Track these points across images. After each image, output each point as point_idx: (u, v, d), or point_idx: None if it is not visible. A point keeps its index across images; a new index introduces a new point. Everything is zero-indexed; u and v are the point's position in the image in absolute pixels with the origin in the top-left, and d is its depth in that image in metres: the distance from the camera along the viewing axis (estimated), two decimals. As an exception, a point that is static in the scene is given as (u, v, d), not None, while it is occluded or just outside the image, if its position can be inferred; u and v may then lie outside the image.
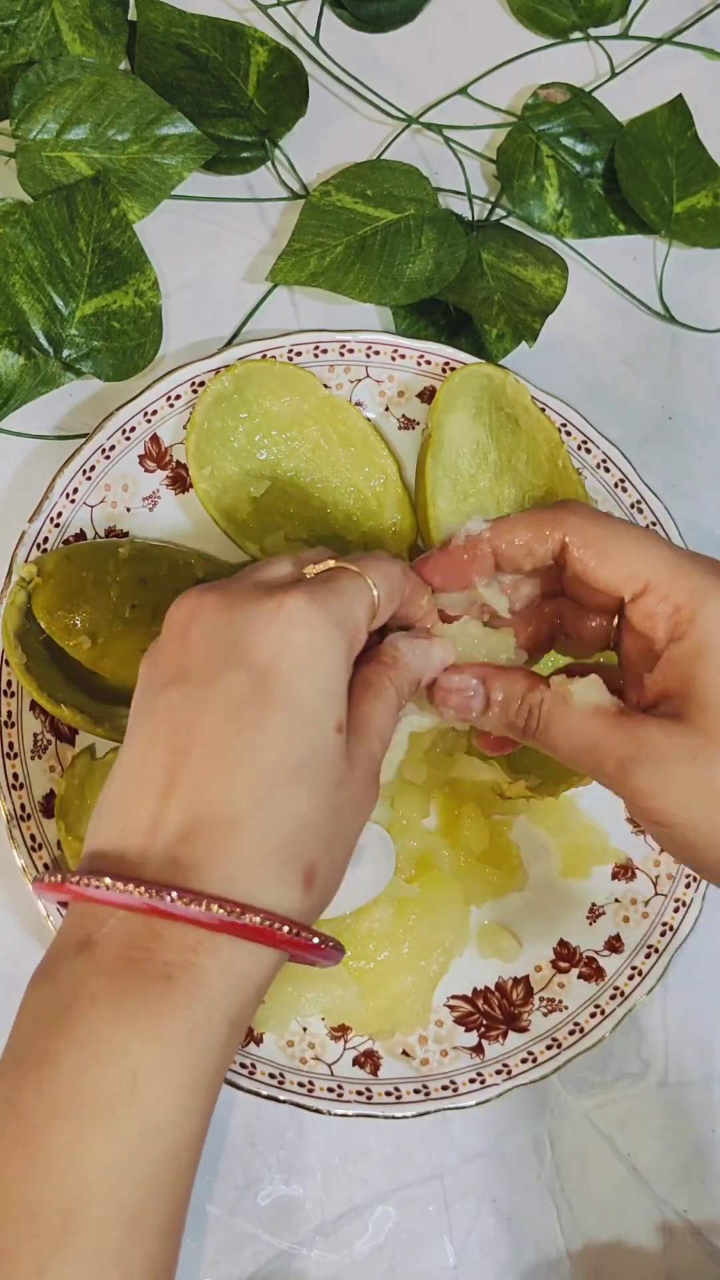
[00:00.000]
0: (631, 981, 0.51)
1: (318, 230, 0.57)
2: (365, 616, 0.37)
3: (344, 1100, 0.48)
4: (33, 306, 0.55)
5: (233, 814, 0.32)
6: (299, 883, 0.33)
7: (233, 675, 0.34)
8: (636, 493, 0.54)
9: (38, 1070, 0.30)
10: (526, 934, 0.52)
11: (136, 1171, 0.30)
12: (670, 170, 0.62)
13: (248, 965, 0.32)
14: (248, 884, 0.32)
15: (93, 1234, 0.29)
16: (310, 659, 0.34)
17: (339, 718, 0.34)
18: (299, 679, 0.34)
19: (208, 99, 0.60)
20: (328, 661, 0.34)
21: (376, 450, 0.54)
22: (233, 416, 0.53)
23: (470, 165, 0.63)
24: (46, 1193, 0.29)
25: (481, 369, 0.53)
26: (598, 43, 0.66)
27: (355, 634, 0.36)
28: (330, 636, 0.35)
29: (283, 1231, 0.50)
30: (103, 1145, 0.29)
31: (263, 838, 0.32)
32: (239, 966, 0.32)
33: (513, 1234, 0.51)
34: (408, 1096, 0.49)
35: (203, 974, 0.31)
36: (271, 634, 0.34)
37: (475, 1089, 0.49)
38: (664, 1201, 0.52)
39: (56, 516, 0.52)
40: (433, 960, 0.50)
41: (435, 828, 0.52)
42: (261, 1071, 0.48)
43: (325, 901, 0.35)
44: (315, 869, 0.33)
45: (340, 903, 0.48)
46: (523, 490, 0.55)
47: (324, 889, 0.34)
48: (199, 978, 0.31)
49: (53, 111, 0.57)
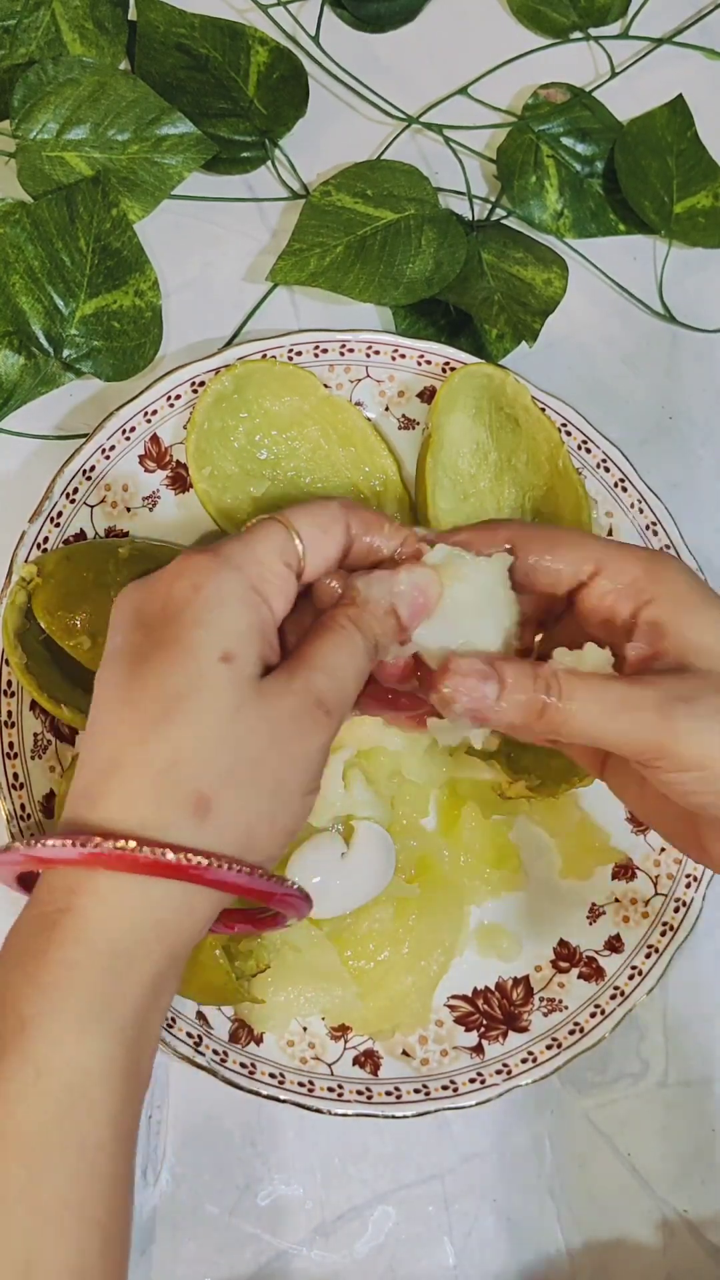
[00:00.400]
0: (631, 981, 0.51)
1: (318, 230, 0.57)
2: (273, 554, 0.36)
3: (344, 1100, 0.48)
4: (33, 306, 0.55)
5: (115, 756, 0.33)
6: (188, 812, 0.32)
7: (131, 636, 0.35)
8: (636, 493, 0.54)
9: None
10: (526, 934, 0.52)
11: (33, 1113, 0.30)
12: (670, 170, 0.62)
13: (136, 900, 0.32)
14: (124, 820, 0.32)
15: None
16: (191, 595, 0.34)
17: (225, 646, 0.34)
18: (179, 618, 0.34)
19: (208, 99, 0.60)
20: (208, 594, 0.34)
21: (376, 450, 0.54)
22: (233, 416, 0.53)
23: (470, 165, 0.63)
24: None
25: (481, 369, 0.53)
26: (598, 43, 0.66)
27: (255, 568, 0.35)
28: (211, 573, 0.35)
29: (283, 1231, 0.50)
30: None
31: (139, 773, 0.33)
32: (123, 903, 0.32)
33: (513, 1234, 0.51)
34: (408, 1096, 0.49)
35: (80, 914, 0.32)
36: (160, 589, 0.35)
37: (475, 1089, 0.49)
38: (664, 1201, 0.52)
39: (56, 516, 0.52)
40: (433, 960, 0.50)
41: (435, 828, 0.52)
42: (261, 1071, 0.48)
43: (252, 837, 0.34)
44: (211, 798, 0.33)
45: (340, 903, 0.48)
46: (523, 490, 0.55)
47: (237, 822, 0.33)
48: (77, 919, 0.32)
49: (53, 111, 0.57)
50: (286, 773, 0.35)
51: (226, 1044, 0.49)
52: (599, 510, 0.54)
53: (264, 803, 0.34)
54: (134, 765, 0.33)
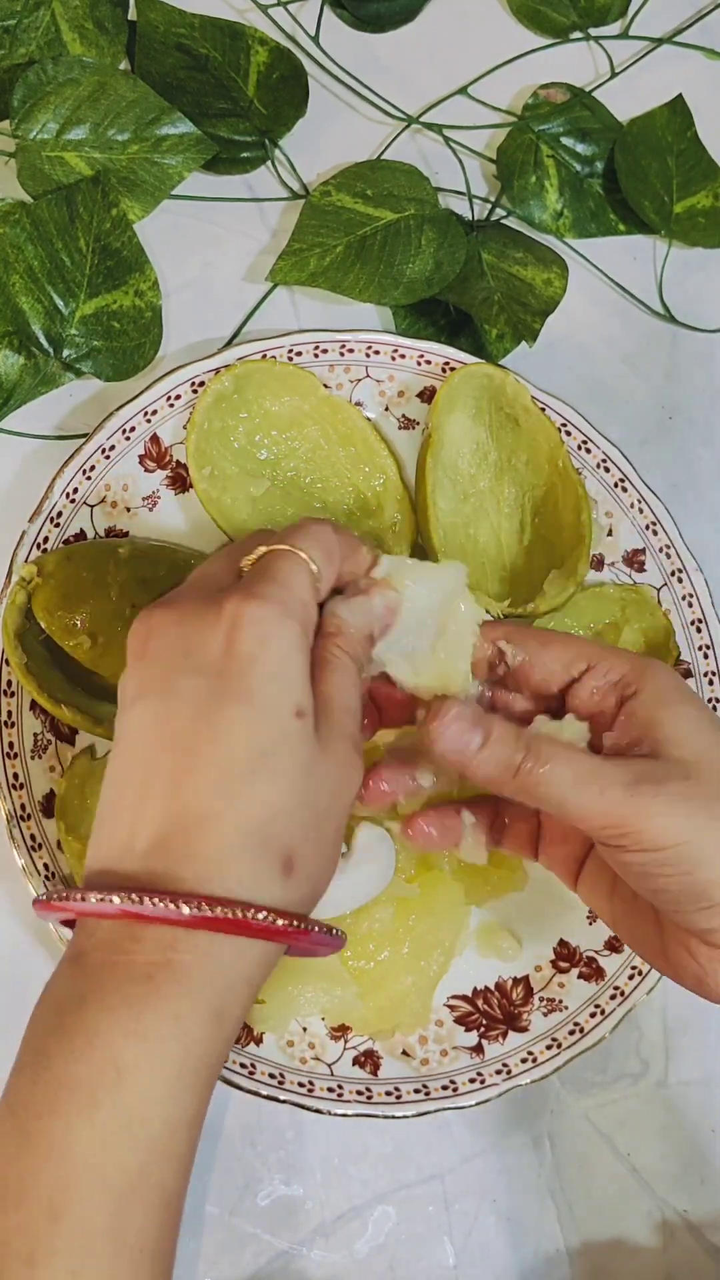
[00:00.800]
0: (631, 981, 0.51)
1: (318, 230, 0.57)
2: (308, 592, 0.37)
3: (344, 1100, 0.48)
4: (33, 306, 0.55)
5: (200, 811, 0.33)
6: (276, 871, 0.33)
7: (187, 680, 0.34)
8: (636, 493, 0.54)
9: (32, 1069, 0.32)
10: (526, 934, 0.52)
11: (122, 1157, 0.31)
12: (670, 170, 0.62)
13: (231, 957, 0.33)
14: (221, 878, 0.33)
15: (80, 1216, 0.30)
16: (258, 649, 0.35)
17: (297, 703, 0.35)
18: (251, 671, 0.34)
19: (208, 99, 0.60)
20: (278, 649, 0.35)
21: (376, 450, 0.54)
22: (233, 416, 0.53)
23: (470, 165, 0.63)
24: (37, 1181, 0.30)
25: (481, 369, 0.53)
26: (598, 43, 0.66)
27: (303, 612, 0.37)
28: (276, 624, 0.35)
29: (283, 1231, 0.50)
30: (88, 1134, 0.31)
31: (232, 830, 0.33)
32: (221, 959, 0.33)
33: (513, 1234, 0.51)
34: (408, 1096, 0.49)
35: (182, 970, 0.32)
36: (219, 635, 0.35)
37: (475, 1089, 0.49)
38: (664, 1201, 0.52)
39: (56, 516, 0.52)
40: (433, 960, 0.50)
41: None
42: (261, 1071, 0.48)
43: (316, 887, 0.35)
44: (294, 856, 0.34)
45: (340, 903, 0.48)
46: (523, 490, 0.55)
47: (311, 876, 0.35)
48: (179, 974, 0.32)
49: (53, 111, 0.57)
50: (340, 818, 0.37)
51: (226, 1044, 0.49)
52: (599, 510, 0.54)
53: (328, 851, 0.36)
54: (223, 822, 0.33)
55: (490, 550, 0.55)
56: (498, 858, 0.52)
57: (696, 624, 0.54)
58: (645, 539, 0.54)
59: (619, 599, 0.54)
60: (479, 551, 0.54)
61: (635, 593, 0.54)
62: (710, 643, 0.53)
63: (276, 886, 0.33)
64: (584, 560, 0.52)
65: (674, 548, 0.54)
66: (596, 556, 0.54)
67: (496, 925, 0.52)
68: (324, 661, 0.37)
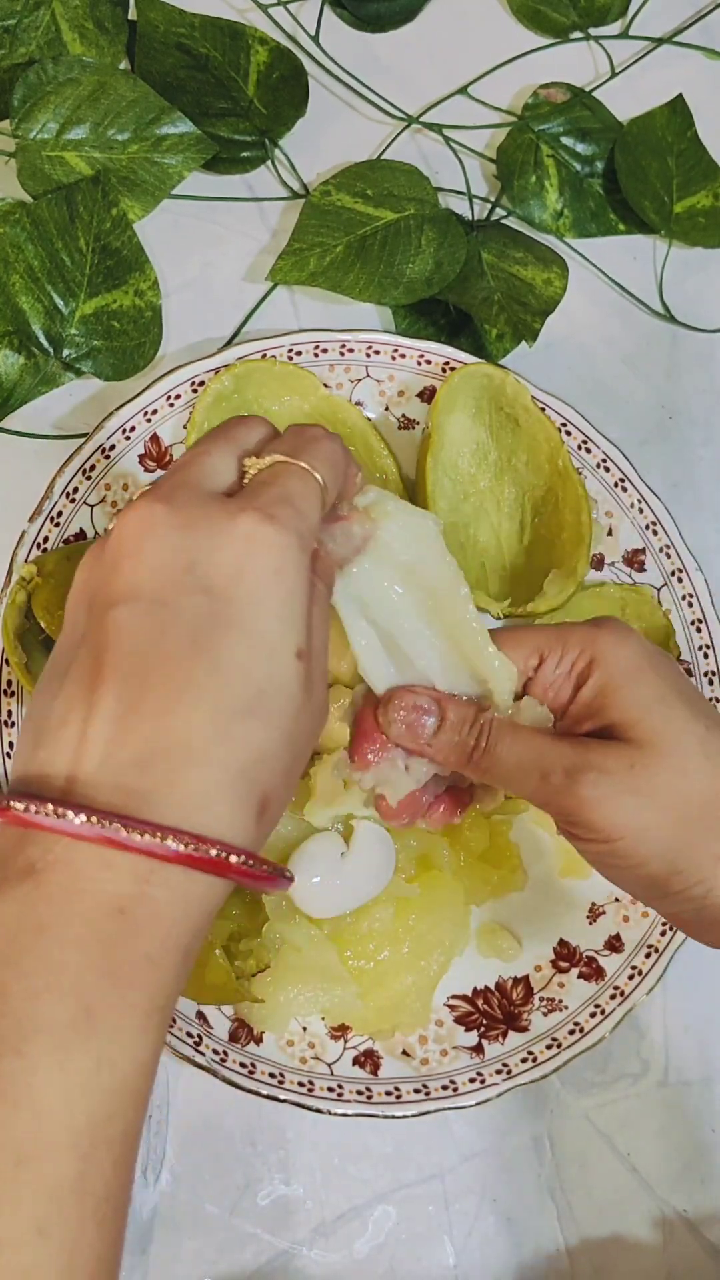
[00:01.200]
0: (631, 981, 0.51)
1: (318, 230, 0.57)
2: (318, 514, 0.35)
3: (344, 1100, 0.48)
4: (33, 306, 0.55)
5: (190, 742, 0.31)
6: (254, 813, 0.32)
7: (190, 599, 0.32)
8: (636, 493, 0.54)
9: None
10: (526, 934, 0.52)
11: (91, 1103, 0.29)
12: (670, 170, 0.62)
13: (201, 894, 0.31)
14: (203, 814, 0.31)
15: (48, 1167, 0.29)
16: (271, 583, 0.33)
17: (299, 643, 0.33)
18: (260, 605, 0.32)
19: (208, 99, 0.60)
20: (290, 583, 0.33)
21: (376, 450, 0.54)
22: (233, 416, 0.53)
23: (470, 165, 0.63)
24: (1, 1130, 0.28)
25: (481, 369, 0.53)
26: (598, 43, 0.66)
27: (312, 542, 0.35)
28: (291, 557, 0.33)
29: (283, 1231, 0.50)
30: (58, 1079, 0.29)
31: (221, 768, 0.31)
32: (192, 896, 0.31)
33: (513, 1234, 0.51)
34: (408, 1096, 0.49)
35: (156, 905, 0.30)
36: (230, 557, 0.32)
37: (475, 1089, 0.49)
38: (664, 1201, 0.52)
39: (56, 516, 0.52)
40: (433, 960, 0.50)
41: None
42: (261, 1071, 0.48)
43: (272, 827, 0.34)
44: (270, 799, 0.33)
45: (340, 902, 0.48)
46: (523, 490, 0.55)
47: (274, 817, 0.34)
48: (153, 909, 0.30)
49: (53, 111, 0.57)
50: (306, 761, 0.35)
51: (226, 1044, 0.49)
52: (599, 510, 0.54)
53: (292, 792, 0.35)
54: (213, 759, 0.31)
55: (490, 550, 0.55)
56: (498, 858, 0.52)
57: (696, 624, 0.54)
58: (645, 539, 0.54)
59: (619, 599, 0.54)
60: (479, 551, 0.54)
61: (635, 592, 0.54)
62: (710, 643, 0.53)
63: (251, 827, 0.32)
64: (584, 560, 0.52)
65: (674, 548, 0.54)
66: (596, 556, 0.54)
67: (496, 925, 0.52)
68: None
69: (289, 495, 0.34)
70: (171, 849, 0.30)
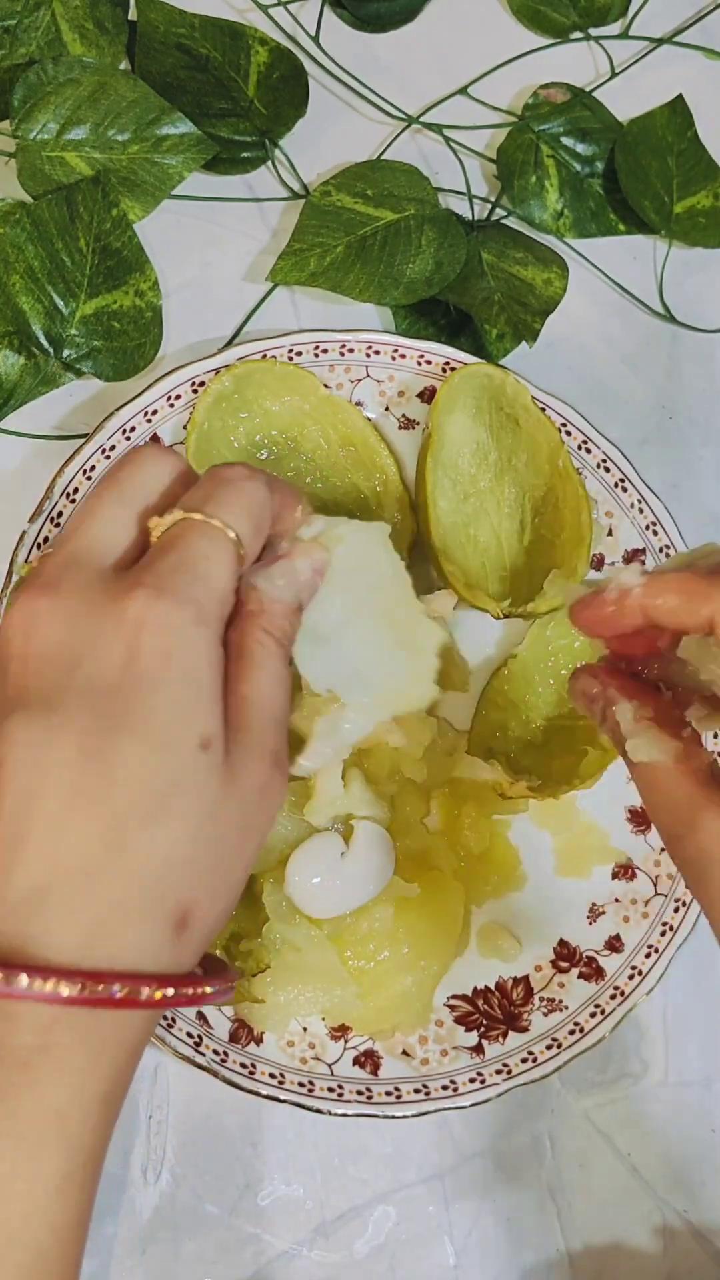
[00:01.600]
0: (631, 981, 0.51)
1: (318, 230, 0.57)
2: (229, 581, 0.32)
3: (344, 1100, 0.48)
4: (33, 306, 0.55)
5: (85, 864, 0.28)
6: (169, 929, 0.29)
7: (76, 700, 0.29)
8: (636, 493, 0.54)
9: None
10: (526, 934, 0.52)
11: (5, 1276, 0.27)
12: (670, 170, 0.62)
13: (113, 1030, 0.29)
14: (106, 945, 0.28)
15: None
16: (162, 667, 0.29)
17: (202, 732, 0.30)
18: (153, 694, 0.29)
19: (208, 99, 0.60)
20: (185, 664, 0.30)
21: (376, 450, 0.54)
22: (233, 416, 0.53)
23: (470, 165, 0.63)
24: None
25: (481, 369, 0.53)
26: (598, 43, 0.66)
27: (219, 611, 0.31)
28: (186, 633, 0.30)
29: (283, 1231, 0.50)
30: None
31: (122, 886, 0.28)
32: (106, 1037, 0.28)
33: (513, 1234, 0.51)
34: (408, 1096, 0.49)
35: (63, 1054, 0.28)
36: (118, 647, 0.29)
37: (475, 1089, 0.49)
38: (664, 1202, 0.52)
39: (56, 516, 0.52)
40: (433, 960, 0.50)
41: (435, 828, 0.52)
42: (261, 1071, 0.48)
43: (207, 937, 0.31)
44: (189, 911, 0.30)
45: (340, 903, 0.48)
46: (523, 490, 0.55)
47: (205, 928, 0.31)
48: (59, 1059, 0.28)
49: (53, 111, 0.57)
50: (251, 852, 0.32)
51: (226, 1044, 0.49)
52: (599, 510, 0.54)
53: (231, 895, 0.31)
54: (111, 878, 0.28)
55: (490, 550, 0.55)
56: (498, 858, 0.52)
57: (696, 624, 0.54)
58: (645, 539, 0.54)
59: (619, 599, 0.54)
60: (479, 551, 0.54)
61: (635, 593, 0.54)
62: (710, 643, 0.53)
63: (167, 947, 0.29)
64: (584, 560, 0.52)
65: (674, 548, 0.54)
66: (596, 556, 0.54)
67: (496, 925, 0.52)
68: (244, 654, 0.32)
69: (188, 561, 0.31)
70: (65, 994, 0.27)
